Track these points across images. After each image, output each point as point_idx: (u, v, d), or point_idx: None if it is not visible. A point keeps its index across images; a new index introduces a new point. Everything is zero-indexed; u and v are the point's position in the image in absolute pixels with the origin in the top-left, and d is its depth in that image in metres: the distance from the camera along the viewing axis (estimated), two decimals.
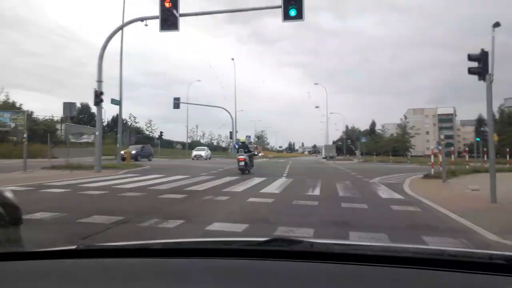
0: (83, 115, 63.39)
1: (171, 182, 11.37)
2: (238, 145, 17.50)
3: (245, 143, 17.94)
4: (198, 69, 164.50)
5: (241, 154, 16.05)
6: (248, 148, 17.37)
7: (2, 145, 28.40)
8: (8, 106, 34.30)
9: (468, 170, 16.81)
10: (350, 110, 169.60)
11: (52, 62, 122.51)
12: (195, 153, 40.98)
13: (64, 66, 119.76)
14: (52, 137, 27.98)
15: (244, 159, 15.82)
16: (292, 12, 14.33)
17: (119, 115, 21.27)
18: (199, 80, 78.68)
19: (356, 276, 0.94)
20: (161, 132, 48.57)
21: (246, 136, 67.22)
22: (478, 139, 35.41)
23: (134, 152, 23.40)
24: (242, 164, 15.81)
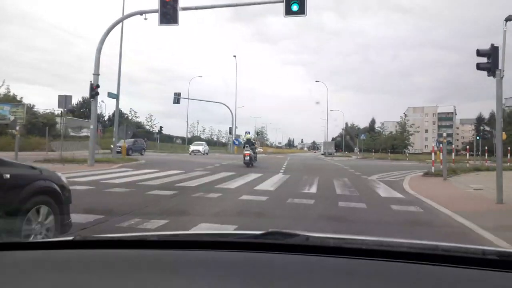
0: (85, 109, 63.05)
1: (163, 178, 10.96)
2: (238, 141, 20.30)
3: (250, 140, 19.66)
4: (200, 66, 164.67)
5: (247, 150, 17.89)
6: (253, 144, 19.31)
7: (1, 138, 28.05)
8: (8, 99, 33.81)
9: (469, 168, 16.46)
10: (350, 108, 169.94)
11: (56, 56, 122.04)
12: (192, 148, 40.11)
13: (68, 60, 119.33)
14: (51, 130, 27.56)
15: (249, 154, 17.65)
16: (294, 6, 13.78)
17: (116, 108, 20.85)
18: (200, 76, 78.22)
19: (350, 269, 0.94)
20: (161, 127, 47.84)
21: (246, 132, 67.27)
22: (478, 138, 35.16)
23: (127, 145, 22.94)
24: (247, 159, 17.57)
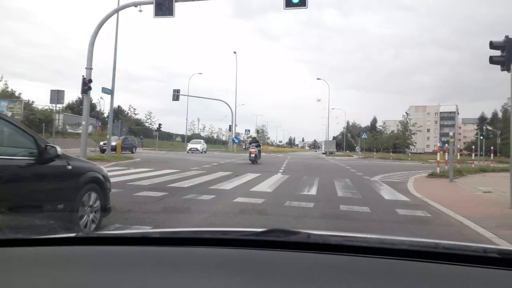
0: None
1: (156, 177, 10.48)
2: (237, 139, 21.65)
3: (255, 138, 21.80)
4: (202, 63, 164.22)
5: (252, 148, 19.78)
6: (258, 143, 21.22)
7: None
8: (6, 95, 33.39)
9: (474, 169, 15.94)
10: (352, 106, 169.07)
11: (55, 52, 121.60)
12: (190, 146, 39.43)
13: (68, 56, 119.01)
14: (49, 126, 27.08)
15: (255, 152, 19.43)
16: None
17: (110, 104, 20.34)
18: (200, 73, 77.57)
19: (352, 267, 0.93)
20: (160, 124, 47.09)
21: (245, 130, 67.19)
22: (482, 137, 34.66)
23: (115, 143, 22.31)
24: (252, 156, 19.34)
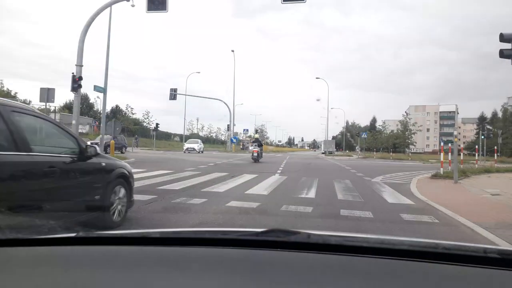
0: (82, 105, 62.52)
1: (147, 179, 9.99)
2: (236, 139, 22.80)
3: (258, 139, 24.25)
4: (201, 63, 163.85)
5: (255, 147, 21.96)
6: (260, 143, 23.52)
7: None
8: (2, 95, 32.99)
9: (478, 170, 15.46)
10: (351, 106, 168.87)
11: (54, 52, 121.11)
12: (187, 145, 38.65)
13: (67, 57, 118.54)
14: None
15: (257, 151, 21.48)
16: None
17: (103, 103, 19.80)
18: (198, 72, 76.88)
19: (351, 267, 0.93)
20: (157, 124, 46.46)
21: (244, 129, 66.95)
22: (483, 137, 34.15)
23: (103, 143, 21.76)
24: (255, 155, 21.26)
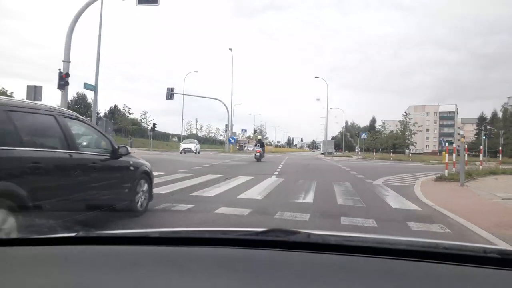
0: (79, 105, 62.07)
1: None
2: (234, 139, 24.39)
3: (260, 140, 26.37)
4: (201, 63, 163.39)
5: (258, 148, 23.85)
6: (263, 143, 25.41)
7: None
8: None
9: (483, 171, 14.89)
10: (350, 106, 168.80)
11: (53, 52, 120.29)
12: (183, 146, 37.92)
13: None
14: None
15: (260, 151, 23.46)
16: None
17: (93, 102, 19.16)
18: (196, 71, 76.35)
19: (351, 266, 0.93)
20: (154, 124, 45.80)
21: (242, 130, 66.53)
22: (485, 137, 33.62)
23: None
24: (258, 155, 23.22)
